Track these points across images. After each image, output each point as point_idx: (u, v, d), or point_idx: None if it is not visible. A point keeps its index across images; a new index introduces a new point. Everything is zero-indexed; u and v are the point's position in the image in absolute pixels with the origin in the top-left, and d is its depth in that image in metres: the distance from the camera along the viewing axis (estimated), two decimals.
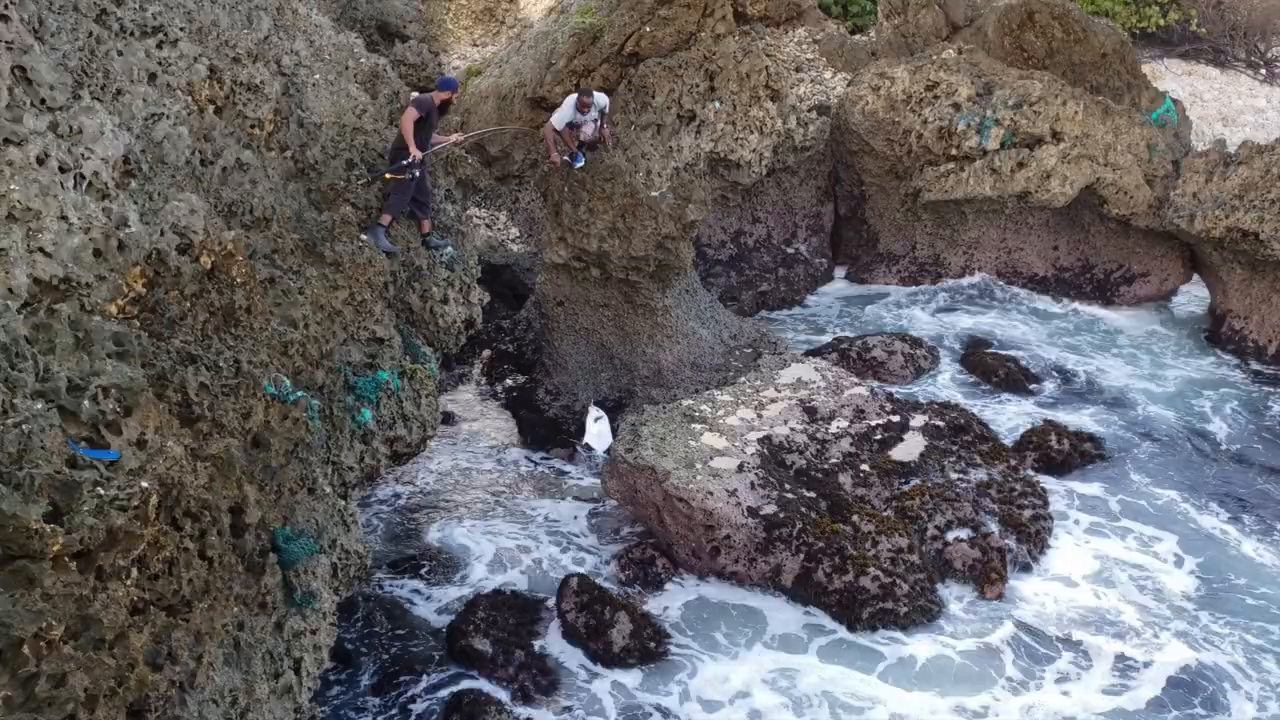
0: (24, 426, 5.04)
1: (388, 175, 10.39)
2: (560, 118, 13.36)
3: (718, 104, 16.93)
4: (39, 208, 6.04)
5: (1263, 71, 27.71)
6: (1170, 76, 26.06)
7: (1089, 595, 11.07)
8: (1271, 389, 15.87)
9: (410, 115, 10.43)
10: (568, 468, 13.63)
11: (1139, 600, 11.02)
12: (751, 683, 9.84)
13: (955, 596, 10.93)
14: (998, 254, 18.97)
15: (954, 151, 17.92)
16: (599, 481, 12.43)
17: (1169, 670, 10.06)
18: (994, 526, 11.61)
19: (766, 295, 18.50)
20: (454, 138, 12.05)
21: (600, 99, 13.57)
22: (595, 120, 13.53)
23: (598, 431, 13.85)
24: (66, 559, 4.92)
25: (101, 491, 5.19)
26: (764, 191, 18.94)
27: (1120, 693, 9.83)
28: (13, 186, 5.91)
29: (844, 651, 10.23)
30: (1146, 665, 10.12)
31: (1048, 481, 12.82)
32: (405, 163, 10.36)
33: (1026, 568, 11.42)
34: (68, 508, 5.02)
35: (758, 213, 19.13)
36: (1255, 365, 16.56)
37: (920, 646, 10.24)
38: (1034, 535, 11.66)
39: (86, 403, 5.50)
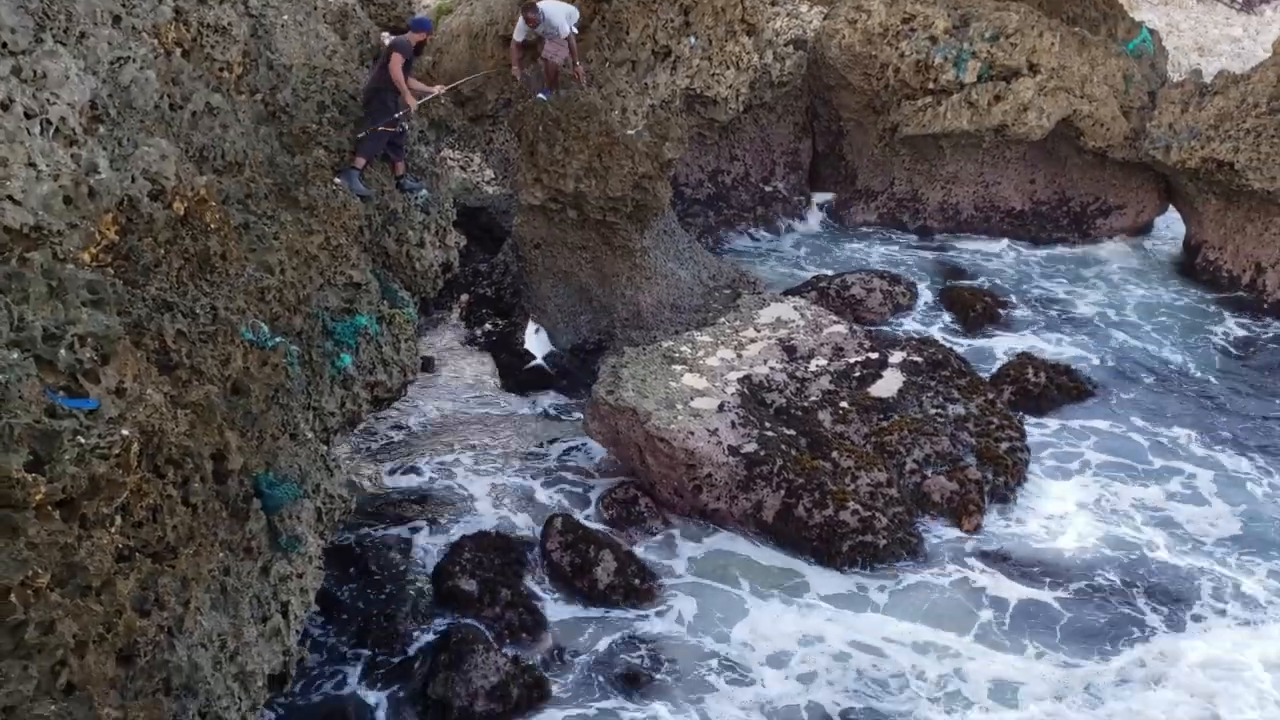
0: (1, 376, 5.01)
1: (381, 129, 10.34)
2: (517, 32, 13.65)
3: (693, 40, 16.71)
4: (5, 154, 5.95)
5: (1239, 1, 27.58)
6: (1146, 6, 25.95)
7: (1059, 525, 11.27)
8: (1243, 318, 16.03)
9: (398, 61, 10.35)
10: (549, 410, 13.66)
11: (1118, 527, 11.23)
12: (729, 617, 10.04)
13: (933, 529, 11.09)
14: (975, 188, 18.96)
15: (931, 85, 17.82)
16: (581, 422, 12.47)
17: (1134, 597, 10.32)
18: (971, 460, 11.74)
19: (746, 234, 18.46)
20: (437, 89, 11.82)
21: (555, 10, 13.36)
22: (555, 36, 13.39)
23: (537, 340, 13.87)
24: (49, 508, 4.92)
25: (82, 440, 5.18)
26: (741, 129, 18.81)
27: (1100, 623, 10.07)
28: None
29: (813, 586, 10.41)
30: (1128, 590, 10.37)
31: (1023, 414, 12.97)
32: (397, 115, 10.39)
33: (1004, 499, 11.58)
34: (49, 457, 5.02)
35: (735, 150, 19.01)
36: (1229, 295, 16.69)
37: (900, 580, 10.44)
38: (1011, 468, 11.80)
39: (63, 351, 5.47)
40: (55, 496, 4.94)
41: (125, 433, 5.38)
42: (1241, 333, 15.68)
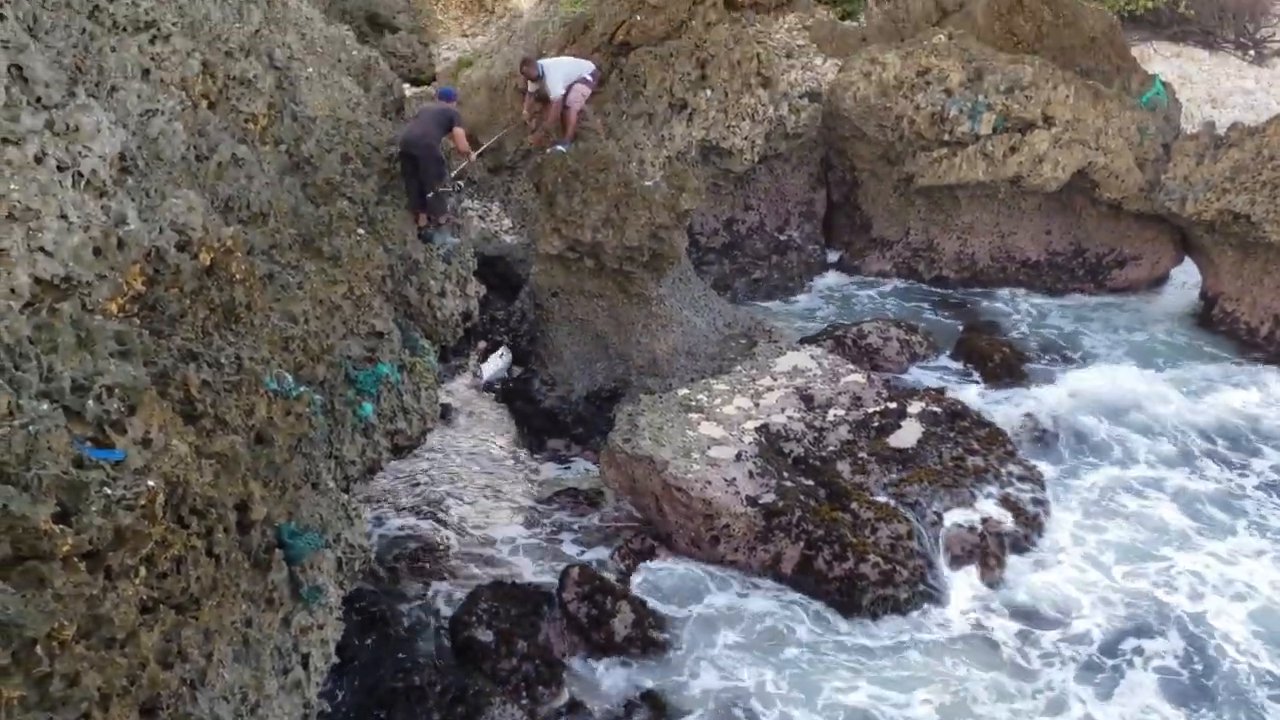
0: (30, 427, 5.03)
1: (444, 190, 11.28)
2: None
3: (709, 92, 16.91)
4: (39, 207, 6.02)
5: (1251, 53, 27.79)
6: (1159, 59, 26.13)
7: (1085, 576, 11.16)
8: (1264, 371, 15.93)
9: (461, 135, 11.90)
10: (565, 458, 13.64)
11: (1140, 580, 11.11)
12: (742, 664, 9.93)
13: (953, 581, 10.99)
14: (991, 239, 19.01)
15: (946, 137, 17.94)
16: (597, 471, 12.45)
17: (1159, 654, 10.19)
18: (992, 511, 11.66)
19: (760, 282, 18.50)
20: (472, 157, 12.52)
21: (555, 68, 13.93)
22: (558, 85, 13.92)
23: (494, 365, 14.31)
24: (76, 559, 4.91)
25: (109, 491, 5.18)
26: (756, 179, 18.95)
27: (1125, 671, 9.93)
28: (12, 186, 5.89)
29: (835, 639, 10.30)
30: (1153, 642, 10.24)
31: (1043, 466, 12.88)
32: (454, 175, 11.51)
33: (1024, 550, 11.48)
34: (75, 508, 5.01)
35: (750, 200, 19.13)
36: (1248, 347, 16.61)
37: (922, 633, 10.32)
38: (1032, 519, 11.72)
39: (91, 402, 5.49)
40: (82, 548, 4.93)
41: (151, 484, 5.38)
42: (1262, 385, 15.56)
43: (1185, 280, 18.95)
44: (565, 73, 14.20)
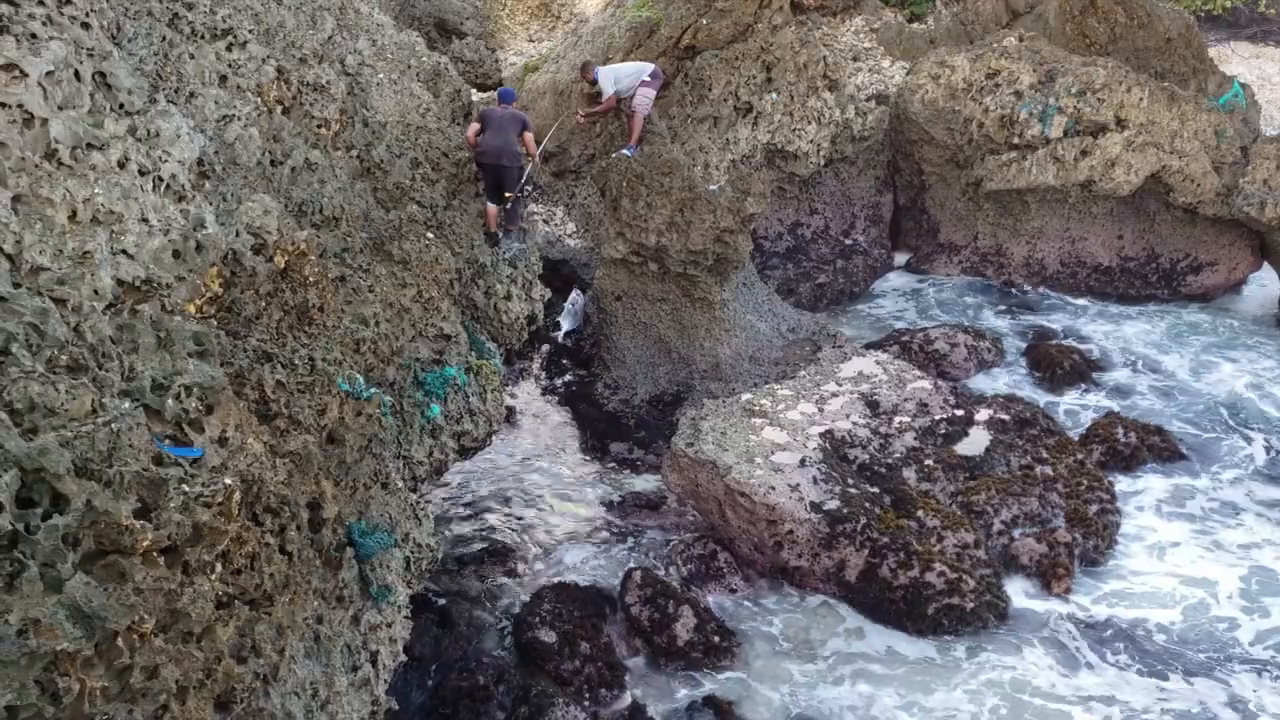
0: (113, 425, 5.16)
1: (520, 194, 11.80)
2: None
3: (775, 95, 16.84)
4: (121, 210, 6.17)
5: None
6: (1238, 60, 25.48)
7: (1155, 588, 10.91)
8: None
9: (531, 138, 12.33)
10: (628, 461, 13.65)
11: (1214, 599, 10.84)
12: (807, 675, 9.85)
13: (1020, 592, 10.82)
14: (1061, 243, 18.68)
15: (1016, 140, 17.67)
16: (660, 475, 12.45)
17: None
18: (1060, 521, 11.46)
19: (825, 287, 18.37)
20: (537, 158, 12.96)
21: (605, 74, 14.38)
22: (609, 87, 14.40)
23: (568, 313, 15.31)
24: (155, 554, 5.03)
25: (187, 488, 5.29)
26: (822, 182, 18.83)
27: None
28: (96, 190, 6.05)
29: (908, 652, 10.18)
30: (1215, 661, 9.98)
31: (1114, 475, 12.62)
32: (526, 177, 11.88)
33: (1094, 563, 11.26)
34: (155, 504, 5.13)
35: (815, 204, 19.01)
36: None
37: (990, 645, 10.16)
38: (1101, 530, 11.49)
39: (170, 401, 5.61)
40: (161, 543, 5.04)
41: (228, 481, 5.49)
42: None
43: (1264, 286, 18.44)
44: (616, 76, 14.61)
